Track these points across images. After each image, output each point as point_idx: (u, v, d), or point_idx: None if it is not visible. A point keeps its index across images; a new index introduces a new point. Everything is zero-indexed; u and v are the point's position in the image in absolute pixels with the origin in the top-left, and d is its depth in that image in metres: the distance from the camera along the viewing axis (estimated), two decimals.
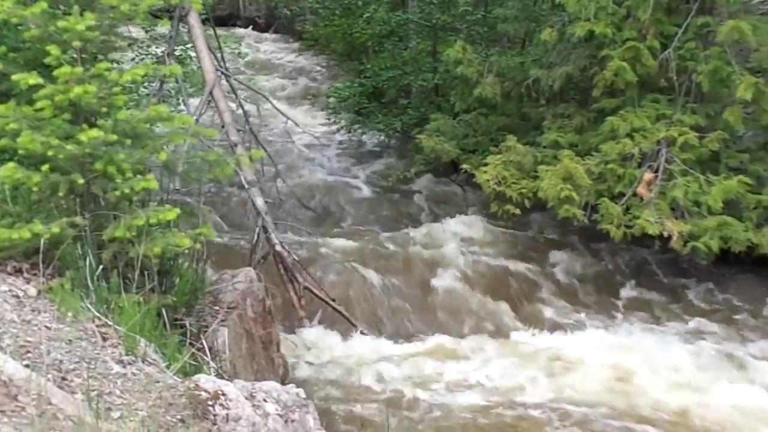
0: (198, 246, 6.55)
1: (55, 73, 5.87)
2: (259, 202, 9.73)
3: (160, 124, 6.63)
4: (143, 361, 4.89)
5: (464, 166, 12.34)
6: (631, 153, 10.83)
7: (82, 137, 5.73)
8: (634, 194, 10.75)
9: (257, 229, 9.78)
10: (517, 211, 11.36)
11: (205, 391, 4.55)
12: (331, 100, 16.35)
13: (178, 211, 6.07)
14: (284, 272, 9.54)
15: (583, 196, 10.78)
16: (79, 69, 5.85)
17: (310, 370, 8.57)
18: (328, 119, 16.48)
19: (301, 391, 5.18)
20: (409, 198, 13.66)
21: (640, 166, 10.91)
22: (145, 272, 6.02)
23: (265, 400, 4.92)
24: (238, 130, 10.34)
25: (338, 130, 15.97)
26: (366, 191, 13.87)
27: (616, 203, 10.67)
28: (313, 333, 9.30)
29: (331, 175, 14.35)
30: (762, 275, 10.98)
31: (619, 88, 11.25)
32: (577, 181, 10.72)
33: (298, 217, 12.29)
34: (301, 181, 13.78)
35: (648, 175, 10.73)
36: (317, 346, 9.06)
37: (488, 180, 11.43)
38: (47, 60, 5.99)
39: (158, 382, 4.62)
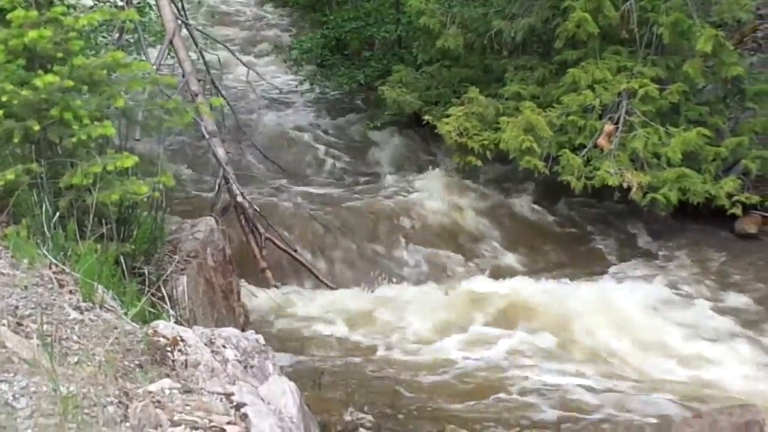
0: (157, 194, 6.50)
1: (9, 16, 5.78)
2: (220, 152, 9.66)
3: (118, 72, 6.56)
4: (101, 308, 4.86)
5: (426, 117, 12.30)
6: (592, 105, 10.87)
7: (38, 83, 5.65)
8: (595, 146, 10.81)
9: (218, 180, 9.73)
10: (479, 163, 11.38)
11: (164, 337, 4.54)
12: (294, 52, 16.20)
13: (136, 158, 6.02)
14: (245, 223, 9.50)
15: (544, 148, 10.82)
16: (34, 13, 5.76)
17: (270, 318, 8.60)
18: (291, 71, 16.36)
19: (261, 337, 5.19)
20: (372, 150, 13.63)
21: (600, 117, 10.95)
22: (103, 220, 5.97)
23: (224, 346, 4.91)
24: (199, 81, 10.25)
25: (301, 83, 15.84)
26: (329, 143, 13.82)
27: (577, 155, 10.74)
28: (275, 283, 9.32)
29: (294, 127, 14.25)
30: (719, 226, 11.09)
31: (581, 39, 11.23)
32: (538, 132, 10.76)
33: (260, 169, 12.22)
34: (263, 132, 13.68)
35: (608, 127, 10.78)
36: (278, 295, 9.08)
37: (450, 131, 11.42)
38: (0, 3, 5.89)
39: (116, 328, 4.59)
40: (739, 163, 11.00)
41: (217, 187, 9.67)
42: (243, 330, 6.40)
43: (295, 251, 9.60)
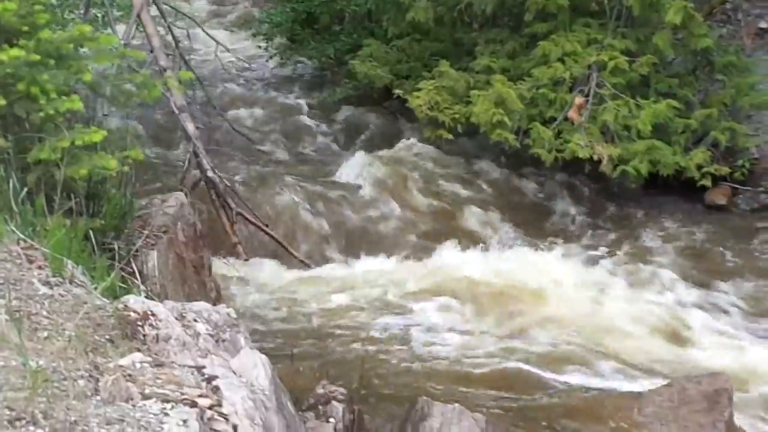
0: (126, 169, 6.44)
1: None
2: (190, 127, 9.59)
3: (85, 46, 6.49)
4: (70, 283, 4.82)
5: (397, 91, 12.30)
6: (563, 77, 10.92)
7: (3, 57, 5.57)
8: (565, 118, 10.88)
9: (188, 155, 9.67)
10: (450, 136, 11.41)
11: (134, 311, 4.52)
12: (264, 26, 16.09)
13: (104, 132, 5.95)
14: (216, 198, 9.46)
15: (514, 121, 10.86)
16: None
17: (243, 293, 8.58)
18: (261, 46, 16.27)
19: (232, 311, 5.18)
20: (342, 124, 13.61)
21: (571, 90, 11.01)
22: (72, 196, 5.93)
23: (195, 320, 4.90)
24: (168, 55, 10.16)
25: (271, 57, 15.76)
26: (299, 118, 13.78)
27: (548, 127, 10.78)
28: (246, 258, 9.30)
29: (264, 102, 14.20)
30: (689, 198, 11.18)
31: (551, 12, 11.26)
32: (509, 105, 10.79)
33: (231, 144, 12.14)
34: (233, 107, 13.63)
35: (579, 100, 10.84)
36: (250, 270, 9.06)
37: (421, 105, 11.43)
38: None
39: (86, 303, 4.55)
40: (708, 135, 11.08)
41: (187, 162, 9.61)
42: (215, 305, 6.39)
43: (267, 226, 9.57)
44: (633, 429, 6.08)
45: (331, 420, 5.73)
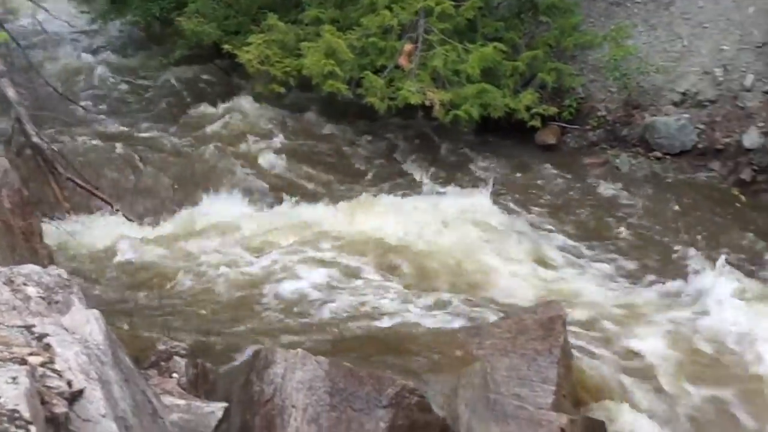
0: None
1: None
2: (11, 92, 9.29)
3: None
4: None
5: (226, 46, 12.07)
6: (391, 25, 10.93)
7: None
8: (396, 66, 10.92)
9: (11, 122, 9.35)
10: (282, 90, 11.29)
11: None
12: None
13: None
14: (44, 164, 9.17)
15: (346, 71, 10.86)
16: None
17: (77, 257, 8.35)
18: (84, 10, 15.69)
19: (64, 272, 4.99)
20: (173, 85, 13.33)
21: (400, 37, 11.04)
22: None
23: (25, 284, 4.72)
24: None
25: (94, 20, 15.21)
26: (128, 81, 13.48)
27: (379, 76, 10.81)
28: (79, 223, 9.05)
29: (90, 66, 13.78)
30: (521, 139, 11.48)
31: None
32: (339, 56, 10.79)
33: (57, 108, 11.70)
34: (58, 71, 13.17)
35: (408, 46, 10.91)
36: (84, 235, 8.82)
37: (251, 60, 11.29)
38: None
39: None
40: (536, 76, 11.35)
41: (10, 129, 9.28)
42: None
43: (97, 189, 9.34)
44: (474, 362, 6.20)
45: (174, 375, 5.65)
